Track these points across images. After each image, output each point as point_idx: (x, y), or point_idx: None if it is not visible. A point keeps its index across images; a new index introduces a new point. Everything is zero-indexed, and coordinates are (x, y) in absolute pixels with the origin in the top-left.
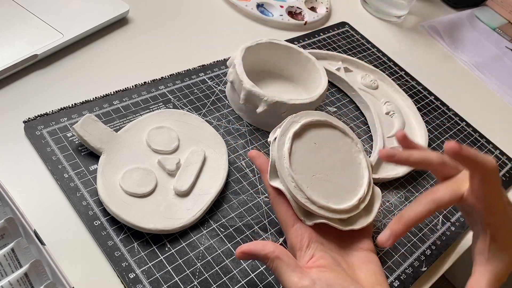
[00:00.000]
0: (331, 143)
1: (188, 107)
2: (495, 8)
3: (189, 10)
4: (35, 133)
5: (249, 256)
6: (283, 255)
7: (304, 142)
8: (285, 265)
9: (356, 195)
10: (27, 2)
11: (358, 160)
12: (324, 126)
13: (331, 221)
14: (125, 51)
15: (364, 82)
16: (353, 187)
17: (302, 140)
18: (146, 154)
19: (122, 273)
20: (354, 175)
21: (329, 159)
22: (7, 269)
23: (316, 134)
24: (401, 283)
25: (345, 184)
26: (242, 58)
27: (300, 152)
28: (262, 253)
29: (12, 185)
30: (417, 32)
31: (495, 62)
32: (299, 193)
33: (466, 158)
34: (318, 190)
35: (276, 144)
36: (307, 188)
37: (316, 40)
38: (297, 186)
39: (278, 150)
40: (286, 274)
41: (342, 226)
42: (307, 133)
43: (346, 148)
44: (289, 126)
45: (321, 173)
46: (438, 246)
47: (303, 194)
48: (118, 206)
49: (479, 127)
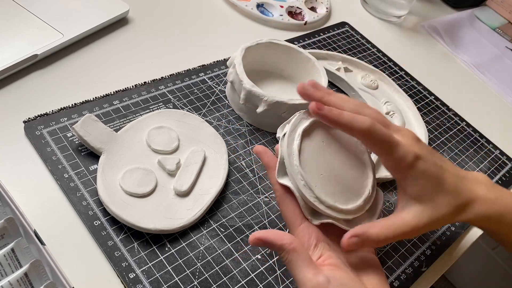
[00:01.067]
0: (338, 142)
1: (188, 107)
2: (495, 8)
3: (189, 10)
4: (35, 133)
5: (264, 243)
6: (299, 249)
7: (312, 140)
8: (301, 259)
9: (361, 196)
10: (27, 2)
11: (363, 160)
12: None
13: (337, 221)
14: (125, 51)
15: (364, 82)
16: (358, 187)
17: (311, 138)
18: (146, 154)
19: (122, 273)
20: (360, 175)
21: (336, 158)
22: (7, 269)
23: (324, 132)
24: (401, 283)
25: (351, 184)
26: (242, 58)
27: (309, 150)
28: (278, 243)
29: (12, 185)
30: (417, 32)
31: (495, 62)
32: (307, 192)
33: (331, 121)
34: (326, 190)
35: (285, 141)
36: (315, 187)
37: (316, 40)
38: (306, 184)
39: (288, 146)
40: (300, 268)
41: (347, 227)
42: (316, 130)
43: (353, 148)
44: (298, 122)
45: (328, 172)
46: (438, 246)
47: (311, 192)
48: (118, 206)
49: (479, 127)
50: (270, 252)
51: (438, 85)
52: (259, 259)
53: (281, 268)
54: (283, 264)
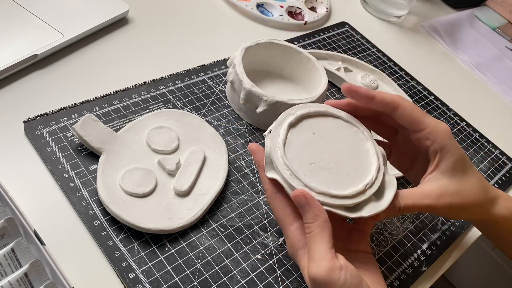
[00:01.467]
0: (333, 133)
1: (188, 107)
2: (495, 8)
3: (189, 10)
4: (35, 133)
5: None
6: (329, 228)
7: (301, 133)
8: (326, 237)
9: (362, 181)
10: (27, 2)
11: (366, 148)
12: (324, 116)
13: (335, 208)
14: (125, 51)
15: (364, 82)
16: (359, 173)
17: (299, 131)
18: (146, 154)
19: (122, 273)
20: (361, 162)
21: (331, 148)
22: (7, 269)
23: (315, 125)
24: (401, 283)
25: (350, 171)
26: (242, 58)
27: (297, 142)
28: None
29: (12, 185)
30: (417, 32)
31: (495, 62)
32: (295, 181)
33: (366, 96)
34: (317, 177)
35: (270, 136)
36: (304, 176)
37: (316, 40)
38: (293, 174)
39: (272, 140)
40: (323, 245)
41: (348, 213)
42: (305, 124)
43: (351, 137)
44: (284, 118)
45: (321, 161)
46: (438, 246)
47: (299, 181)
48: (118, 206)
49: (479, 127)
50: (270, 252)
51: (438, 85)
52: (259, 259)
53: (281, 268)
54: (282, 264)
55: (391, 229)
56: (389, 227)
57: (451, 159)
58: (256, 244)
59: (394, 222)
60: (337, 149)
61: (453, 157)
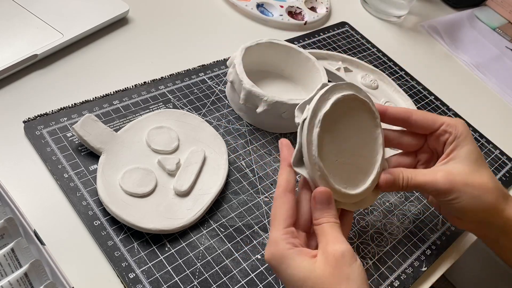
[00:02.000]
0: (354, 121)
1: (188, 107)
2: (495, 8)
3: (189, 10)
4: (35, 133)
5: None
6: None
7: (331, 124)
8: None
9: (369, 175)
10: (27, 2)
11: (375, 135)
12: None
13: (346, 207)
14: (125, 51)
15: (364, 82)
16: (368, 166)
17: (330, 122)
18: (146, 154)
19: (122, 273)
20: (370, 153)
21: (351, 139)
22: (7, 269)
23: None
24: (401, 283)
25: (362, 164)
26: (242, 58)
27: (327, 137)
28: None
29: (12, 185)
30: (417, 32)
31: (495, 62)
32: (323, 183)
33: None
34: (340, 176)
35: (305, 128)
36: (329, 176)
37: (316, 40)
38: (322, 175)
39: (308, 135)
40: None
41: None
42: (336, 112)
43: (368, 123)
44: (320, 105)
45: (343, 156)
46: (438, 246)
47: (326, 183)
48: (118, 206)
49: (479, 127)
50: None
51: (438, 85)
52: (259, 259)
53: None
54: None
55: (391, 229)
56: (389, 227)
57: (466, 146)
58: (256, 244)
59: (394, 222)
60: (355, 140)
61: (469, 145)
